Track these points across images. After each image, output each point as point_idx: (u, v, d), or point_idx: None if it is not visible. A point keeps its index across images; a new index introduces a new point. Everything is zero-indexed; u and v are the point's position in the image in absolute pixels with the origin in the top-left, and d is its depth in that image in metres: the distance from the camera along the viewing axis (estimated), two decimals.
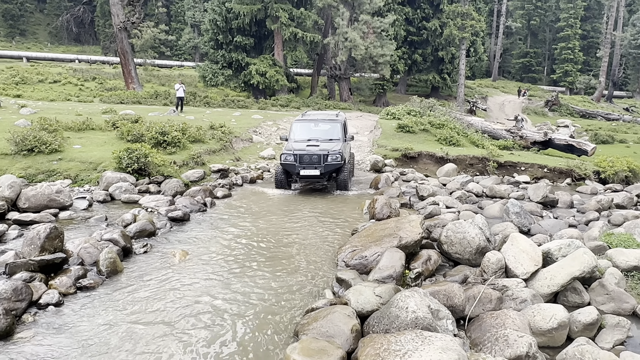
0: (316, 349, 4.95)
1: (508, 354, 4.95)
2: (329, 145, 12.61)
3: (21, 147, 14.09)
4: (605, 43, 47.38)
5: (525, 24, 57.33)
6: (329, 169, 11.51)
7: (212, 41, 35.45)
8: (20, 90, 29.16)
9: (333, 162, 11.32)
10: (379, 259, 7.47)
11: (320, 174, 11.28)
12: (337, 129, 13.68)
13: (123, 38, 31.86)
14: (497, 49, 56.45)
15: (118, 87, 34.28)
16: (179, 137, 16.47)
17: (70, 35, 70.06)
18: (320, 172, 11.31)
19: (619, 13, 47.20)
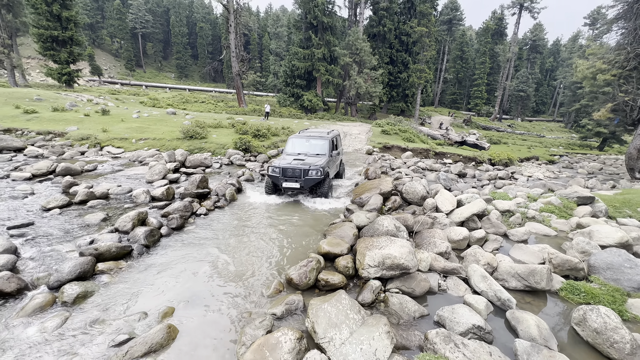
0: (334, 242, 5.42)
1: (435, 250, 5.48)
2: (313, 160, 9.00)
3: (186, 135, 15.48)
4: (500, 87, 54.29)
5: (455, 76, 64.98)
6: (309, 183, 8.43)
7: (284, 82, 39.69)
8: (185, 106, 31.77)
9: (313, 176, 8.40)
10: (369, 199, 7.81)
11: (300, 187, 8.45)
12: (325, 145, 9.77)
13: (237, 79, 34.61)
14: (438, 89, 65.29)
15: (234, 106, 36.98)
16: (266, 132, 17.72)
17: (210, 77, 74.24)
18: (300, 185, 8.43)
19: (510, 71, 54.22)
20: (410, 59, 41.63)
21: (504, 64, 54.01)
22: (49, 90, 28.74)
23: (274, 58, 61.49)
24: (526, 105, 58.17)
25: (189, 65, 74.01)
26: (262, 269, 5.13)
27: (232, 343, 3.49)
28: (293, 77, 37.99)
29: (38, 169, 9.53)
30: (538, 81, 65.40)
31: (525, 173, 15.93)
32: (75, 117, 18.33)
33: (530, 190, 9.98)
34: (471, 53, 65.19)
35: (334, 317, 3.58)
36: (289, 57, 38.36)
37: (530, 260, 5.41)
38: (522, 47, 62.73)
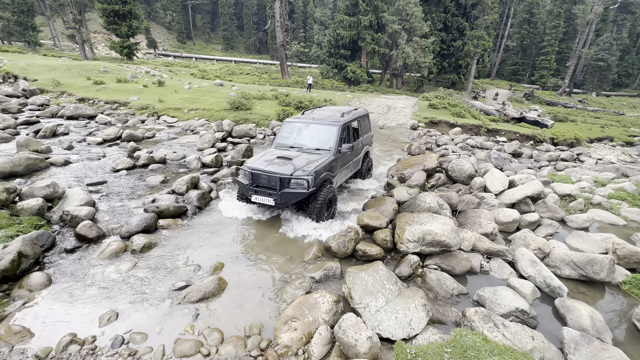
0: (374, 216, 5.49)
1: (480, 231, 5.25)
2: (303, 161, 5.63)
3: (232, 106, 15.88)
4: (574, 56, 46.11)
5: (519, 43, 55.82)
6: (286, 199, 5.24)
7: (327, 52, 38.18)
8: (231, 77, 32.70)
9: (294, 191, 5.19)
10: (411, 175, 7.66)
11: (275, 204, 5.30)
12: (331, 135, 6.18)
13: (281, 50, 34.33)
14: (497, 59, 57.12)
15: (278, 78, 37.14)
16: (308, 104, 17.64)
17: (255, 48, 74.70)
18: (275, 202, 5.26)
19: (589, 36, 45.38)
20: (468, 24, 36.92)
21: (582, 28, 45.81)
22: (113, 63, 31.27)
23: (319, 27, 59.48)
24: (605, 77, 49.27)
25: (235, 37, 74.94)
26: (302, 233, 5.37)
27: (274, 298, 3.79)
28: (337, 47, 36.58)
29: (107, 135, 10.67)
30: (624, 48, 54.51)
31: (595, 155, 14.14)
32: (135, 88, 19.87)
33: (599, 174, 8.99)
34: (541, 16, 56.18)
35: (370, 286, 3.68)
36: (333, 26, 36.83)
37: (590, 250, 4.96)
38: (609, 7, 52.82)
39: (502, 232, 5.71)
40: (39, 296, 3.64)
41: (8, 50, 30.56)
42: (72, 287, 3.84)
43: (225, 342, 3.05)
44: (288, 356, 2.97)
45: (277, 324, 3.24)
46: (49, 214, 5.25)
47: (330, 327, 3.24)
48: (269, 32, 63.78)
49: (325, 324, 3.25)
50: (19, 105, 14.64)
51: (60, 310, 3.46)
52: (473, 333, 2.97)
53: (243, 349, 3.00)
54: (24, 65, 22.52)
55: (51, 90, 18.28)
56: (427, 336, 3.21)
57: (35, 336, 3.09)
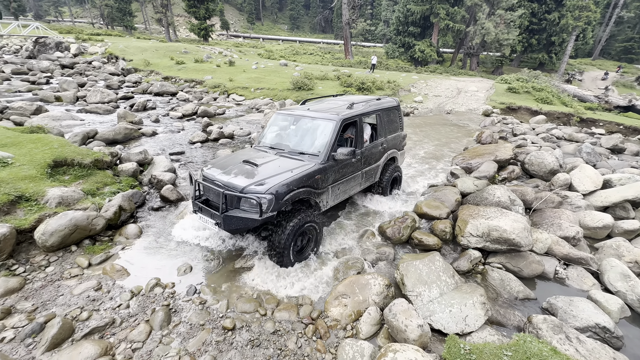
0: (433, 205, 5.30)
1: (559, 234, 4.71)
2: (270, 169, 3.77)
3: (295, 86, 16.48)
4: None
5: (638, 14, 40.27)
6: (231, 225, 3.44)
7: (394, 30, 35.60)
8: (295, 58, 33.33)
9: (241, 215, 3.37)
10: (479, 166, 7.22)
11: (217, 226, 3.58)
12: (324, 134, 4.22)
13: (346, 29, 33.43)
14: (605, 34, 43.40)
15: (341, 58, 36.53)
16: (370, 86, 17.25)
17: (320, 28, 74.15)
18: (217, 225, 3.57)
19: None
20: None
21: None
22: (192, 44, 34.09)
23: (387, 3, 56.14)
24: None
25: (301, 16, 75.19)
26: (356, 216, 5.39)
27: (329, 273, 3.93)
28: (406, 24, 34.27)
29: (186, 110, 11.86)
30: None
31: None
32: (210, 67, 21.49)
33: None
34: None
35: (424, 275, 3.58)
36: (403, 1, 34.39)
37: None
38: None
39: (586, 237, 5.03)
40: (132, 244, 4.35)
41: (111, 34, 35.38)
42: (157, 240, 4.49)
43: (280, 307, 3.30)
44: (337, 329, 3.09)
45: (328, 298, 3.38)
46: (140, 177, 6.15)
47: (380, 309, 3.26)
48: (335, 9, 62.42)
49: (375, 305, 3.29)
50: (119, 82, 17.03)
51: (148, 258, 4.10)
52: (539, 341, 2.71)
53: (295, 315, 3.21)
54: (123, 47, 25.90)
55: (142, 69, 20.82)
56: (484, 335, 3.03)
57: (130, 275, 3.73)
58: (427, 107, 16.45)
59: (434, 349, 2.95)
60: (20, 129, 6.87)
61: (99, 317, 3.06)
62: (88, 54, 24.88)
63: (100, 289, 3.44)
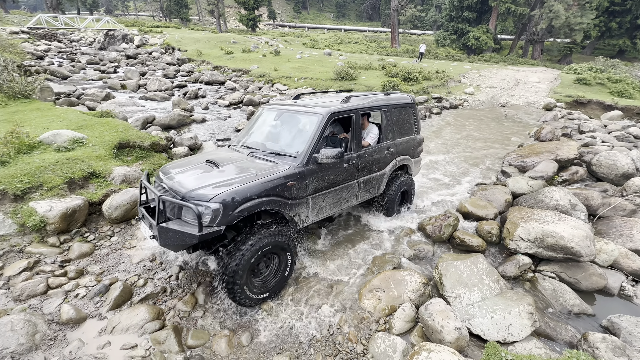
0: (480, 204, 5.03)
1: (629, 246, 4.22)
2: (231, 171, 3.04)
3: (338, 76, 16.38)
4: None
5: None
6: (167, 239, 2.62)
7: (447, 16, 33.15)
8: (339, 47, 32.98)
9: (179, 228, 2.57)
10: (535, 165, 6.71)
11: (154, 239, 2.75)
12: (307, 130, 3.44)
13: (394, 16, 32.10)
14: None
15: (386, 46, 35.30)
16: (417, 76, 16.52)
17: (366, 15, 72.10)
18: (153, 238, 2.75)
19: None
20: None
21: None
22: (240, 35, 35.25)
23: None
24: None
25: (347, 4, 73.63)
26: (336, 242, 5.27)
27: (364, 265, 3.92)
28: (460, 9, 31.86)
29: (232, 99, 12.39)
30: None
31: None
32: (256, 57, 22.10)
33: None
34: None
35: (465, 277, 3.41)
36: None
37: None
38: None
39: None
40: None
41: (168, 26, 37.89)
42: None
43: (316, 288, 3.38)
44: (369, 321, 3.10)
45: (362, 290, 3.38)
46: None
47: (415, 307, 3.19)
48: None
49: (410, 302, 3.22)
50: (174, 72, 18.27)
51: None
52: None
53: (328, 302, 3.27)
54: (179, 38, 27.61)
55: (195, 59, 22.06)
56: (529, 347, 2.83)
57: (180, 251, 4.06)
58: (478, 100, 15.35)
59: (471, 354, 2.82)
60: (92, 114, 7.74)
61: (152, 285, 3.40)
62: (149, 45, 26.98)
63: (154, 260, 3.81)
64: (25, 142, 5.05)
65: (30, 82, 8.53)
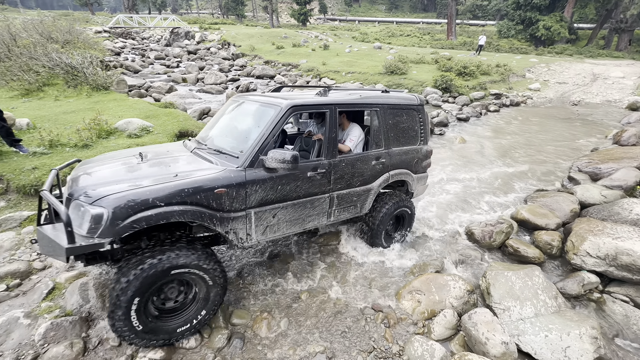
0: (539, 212, 4.56)
1: None
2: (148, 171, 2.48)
3: (387, 70, 15.91)
4: None
5: None
6: (44, 247, 2.11)
7: (514, 4, 29.89)
8: (390, 40, 32.02)
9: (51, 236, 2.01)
10: (612, 172, 5.90)
11: None
12: (261, 124, 2.72)
13: (452, 6, 30.11)
14: None
15: (441, 39, 33.36)
16: (474, 70, 15.46)
17: (421, 6, 68.61)
18: (33, 242, 2.40)
19: None
20: None
21: None
22: (291, 29, 35.96)
23: None
24: None
25: None
26: (440, 211, 5.03)
27: (405, 261, 3.82)
28: None
29: None
30: None
31: None
32: (305, 51, 22.40)
33: None
34: None
35: (517, 289, 3.14)
36: None
37: None
38: None
39: None
40: None
41: (225, 23, 40.03)
42: None
43: (352, 282, 3.40)
44: (406, 323, 3.02)
45: (402, 290, 3.30)
46: None
47: (458, 314, 3.03)
48: None
49: (452, 309, 3.07)
50: (229, 66, 19.31)
51: None
52: None
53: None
54: (234, 34, 29.05)
55: (248, 54, 23.06)
56: None
57: None
58: (545, 97, 13.86)
59: None
60: (157, 104, 8.54)
61: None
62: (207, 41, 28.83)
63: None
64: (104, 128, 5.77)
65: (109, 75, 9.67)
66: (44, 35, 12.58)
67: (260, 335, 2.77)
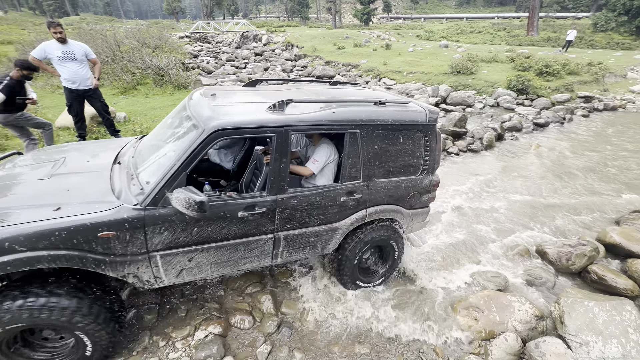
0: (635, 237, 3.93)
1: None
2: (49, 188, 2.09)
3: (453, 70, 14.76)
4: None
5: None
6: None
7: None
8: (458, 37, 29.95)
9: None
10: None
11: None
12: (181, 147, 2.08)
13: None
14: None
15: (519, 35, 30.06)
16: (558, 69, 13.52)
17: (496, 0, 62.71)
18: None
19: None
20: None
21: None
22: (353, 30, 35.93)
23: None
24: None
25: None
26: (504, 225, 4.58)
27: (461, 273, 3.58)
28: None
29: None
30: None
31: None
32: (366, 51, 22.18)
33: None
34: None
35: (599, 323, 2.72)
36: None
37: None
38: None
39: None
40: None
41: (290, 25, 41.75)
42: None
43: None
44: (460, 340, 2.83)
45: (457, 305, 3.10)
46: None
47: (522, 340, 2.74)
48: None
49: (515, 333, 2.78)
50: (291, 67, 20.11)
51: None
52: None
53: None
54: (298, 36, 30.10)
55: (310, 54, 23.70)
56: None
57: None
58: None
59: None
60: None
61: None
62: (273, 43, 30.38)
63: None
64: None
65: (189, 76, 10.83)
66: (139, 41, 14.61)
67: (308, 328, 2.86)
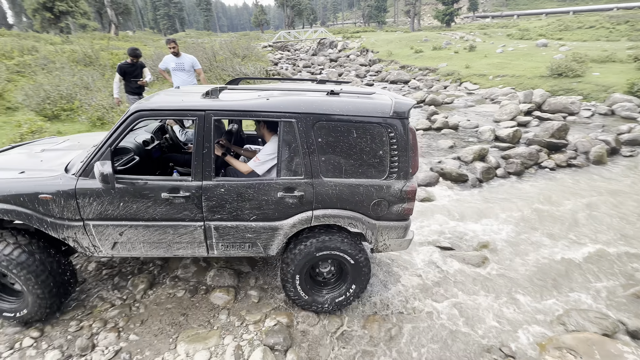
0: None
1: None
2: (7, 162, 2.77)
3: (553, 72, 13.09)
4: None
5: None
6: None
7: None
8: (561, 35, 26.01)
9: None
10: None
11: None
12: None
13: None
14: None
15: None
16: None
17: None
18: None
19: None
20: None
21: None
22: (433, 32, 34.17)
23: None
24: None
25: None
26: (609, 252, 3.80)
27: (540, 313, 3.10)
28: None
29: (415, 98, 12.36)
30: None
31: None
32: (446, 54, 20.88)
33: None
34: None
35: None
36: None
37: None
38: None
39: None
40: None
41: (366, 31, 41.83)
42: None
43: None
44: None
45: (546, 343, 2.69)
46: None
47: None
48: None
49: None
50: (365, 72, 20.16)
51: None
52: None
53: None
54: (373, 41, 30.01)
55: (385, 59, 23.38)
56: None
57: None
58: None
59: None
60: None
61: None
62: (348, 49, 30.87)
63: None
64: None
65: (269, 82, 11.75)
66: (231, 52, 16.47)
67: (372, 334, 2.82)
